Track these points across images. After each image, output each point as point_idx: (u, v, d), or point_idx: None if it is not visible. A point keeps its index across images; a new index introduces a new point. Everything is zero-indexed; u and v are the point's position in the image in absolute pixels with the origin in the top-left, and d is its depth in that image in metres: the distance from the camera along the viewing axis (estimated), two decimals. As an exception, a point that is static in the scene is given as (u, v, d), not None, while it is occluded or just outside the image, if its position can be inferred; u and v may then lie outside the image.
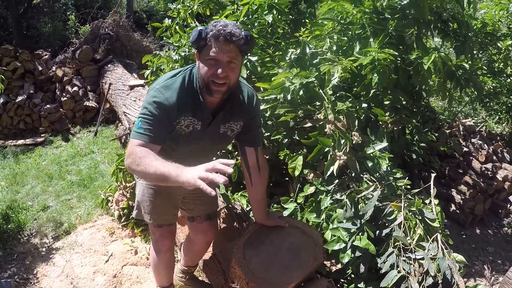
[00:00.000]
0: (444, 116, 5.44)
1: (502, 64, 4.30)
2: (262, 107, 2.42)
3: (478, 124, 5.19)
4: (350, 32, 2.55)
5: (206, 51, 1.61)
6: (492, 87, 4.21)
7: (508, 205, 3.99)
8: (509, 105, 4.56)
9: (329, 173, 2.04)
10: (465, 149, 4.14)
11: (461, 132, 4.35)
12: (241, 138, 1.94)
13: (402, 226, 1.86)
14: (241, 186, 2.92)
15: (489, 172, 3.95)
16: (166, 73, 1.80)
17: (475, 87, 2.99)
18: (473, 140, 4.32)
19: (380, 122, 2.41)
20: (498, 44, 3.62)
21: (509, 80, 4.38)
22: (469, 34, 2.84)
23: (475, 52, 3.01)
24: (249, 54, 2.63)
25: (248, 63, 2.66)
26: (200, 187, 1.29)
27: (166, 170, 1.43)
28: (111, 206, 3.58)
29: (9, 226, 3.48)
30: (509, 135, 4.96)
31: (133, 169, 1.59)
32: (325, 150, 2.10)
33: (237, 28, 1.60)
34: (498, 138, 4.65)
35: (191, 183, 1.33)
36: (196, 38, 1.60)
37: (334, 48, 2.50)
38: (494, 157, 4.16)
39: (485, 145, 4.27)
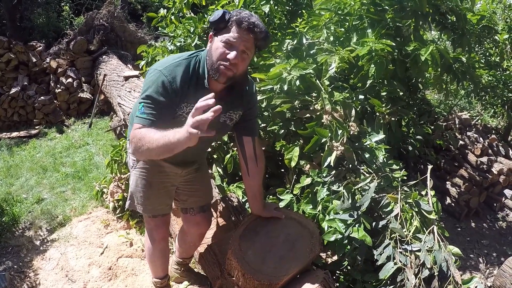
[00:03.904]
0: (439, 109, 5.45)
1: (498, 57, 4.30)
2: (258, 97, 2.39)
3: (474, 118, 5.20)
4: (347, 23, 2.53)
5: (224, 34, 1.60)
6: (488, 81, 4.20)
7: (503, 199, 4.02)
8: (505, 99, 4.57)
9: (326, 164, 2.03)
10: (460, 142, 4.14)
11: (457, 125, 4.35)
12: (239, 127, 1.92)
13: (398, 218, 1.86)
14: (237, 178, 2.90)
15: (484, 166, 3.97)
16: (169, 56, 1.76)
17: (472, 81, 2.99)
18: (468, 133, 4.33)
19: (377, 114, 2.40)
20: (496, 38, 3.61)
21: (505, 73, 4.38)
22: (467, 27, 2.83)
23: (472, 45, 3.00)
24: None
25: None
26: (199, 135, 1.33)
27: (167, 140, 1.44)
28: (106, 198, 3.55)
29: (3, 219, 3.44)
30: (504, 129, 4.98)
31: (138, 153, 1.59)
32: (322, 141, 2.09)
33: (261, 22, 1.62)
34: (493, 132, 4.66)
35: (191, 138, 1.35)
36: (217, 18, 1.59)
37: (331, 38, 2.48)
38: (490, 151, 4.17)
39: (481, 138, 4.28)
